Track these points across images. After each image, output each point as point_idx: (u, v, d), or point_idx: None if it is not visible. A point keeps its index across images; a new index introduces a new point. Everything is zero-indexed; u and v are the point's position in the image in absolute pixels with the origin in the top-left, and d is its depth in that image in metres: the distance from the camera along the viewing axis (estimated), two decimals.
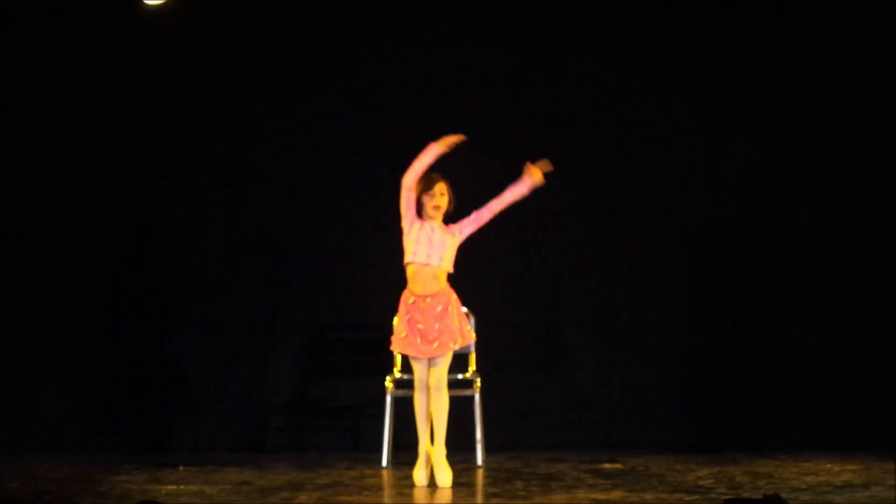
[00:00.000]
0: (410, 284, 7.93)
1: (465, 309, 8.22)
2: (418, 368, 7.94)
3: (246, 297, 9.75)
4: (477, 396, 8.73)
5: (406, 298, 7.94)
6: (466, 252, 8.77)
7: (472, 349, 8.73)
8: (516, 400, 9.63)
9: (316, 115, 9.76)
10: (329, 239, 9.76)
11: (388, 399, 8.76)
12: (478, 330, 8.73)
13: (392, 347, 8.03)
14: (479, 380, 8.72)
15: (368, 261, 9.52)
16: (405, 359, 8.22)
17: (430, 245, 7.89)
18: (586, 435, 9.62)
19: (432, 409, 7.88)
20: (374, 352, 9.33)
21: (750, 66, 9.71)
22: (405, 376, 8.50)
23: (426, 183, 7.94)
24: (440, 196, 7.93)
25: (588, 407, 9.68)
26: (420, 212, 7.96)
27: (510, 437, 9.46)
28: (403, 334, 7.91)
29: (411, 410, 8.09)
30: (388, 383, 8.76)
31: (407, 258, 7.92)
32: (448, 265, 7.93)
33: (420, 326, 7.86)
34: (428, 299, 7.89)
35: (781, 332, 9.66)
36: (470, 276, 8.45)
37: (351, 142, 9.72)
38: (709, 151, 9.75)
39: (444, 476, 7.86)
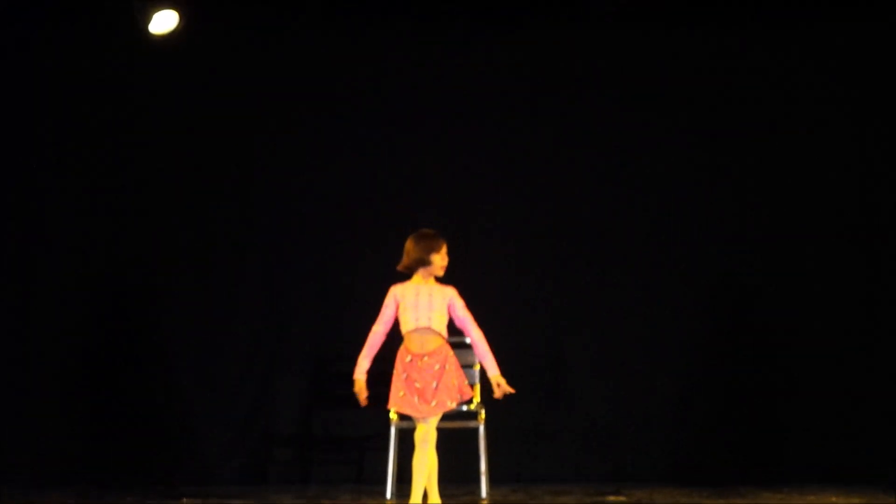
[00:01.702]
0: (407, 343, 7.83)
1: (468, 339, 8.19)
2: (420, 426, 7.83)
3: (249, 330, 9.76)
4: (481, 428, 8.71)
5: (402, 357, 7.83)
6: (471, 284, 8.77)
7: (477, 379, 8.72)
8: (521, 432, 9.61)
9: (320, 145, 9.79)
10: (332, 271, 9.76)
11: (393, 430, 8.74)
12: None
13: (389, 405, 7.95)
14: (483, 411, 8.70)
15: (371, 292, 9.47)
16: None
17: (417, 309, 7.78)
18: (591, 468, 9.60)
19: (418, 463, 7.74)
20: (377, 384, 9.30)
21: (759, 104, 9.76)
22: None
23: (435, 243, 7.81)
24: (445, 258, 7.82)
25: (593, 440, 9.66)
26: (415, 269, 7.85)
27: (515, 469, 9.44)
28: (401, 393, 7.79)
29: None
30: (393, 415, 8.74)
31: (403, 329, 7.83)
32: (441, 328, 7.82)
33: (418, 385, 7.76)
34: (425, 358, 7.78)
35: (787, 366, 9.64)
36: (474, 308, 8.44)
37: (355, 173, 9.75)
38: (711, 187, 9.77)
39: None
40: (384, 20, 9.63)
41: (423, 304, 7.81)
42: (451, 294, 7.86)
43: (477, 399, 8.74)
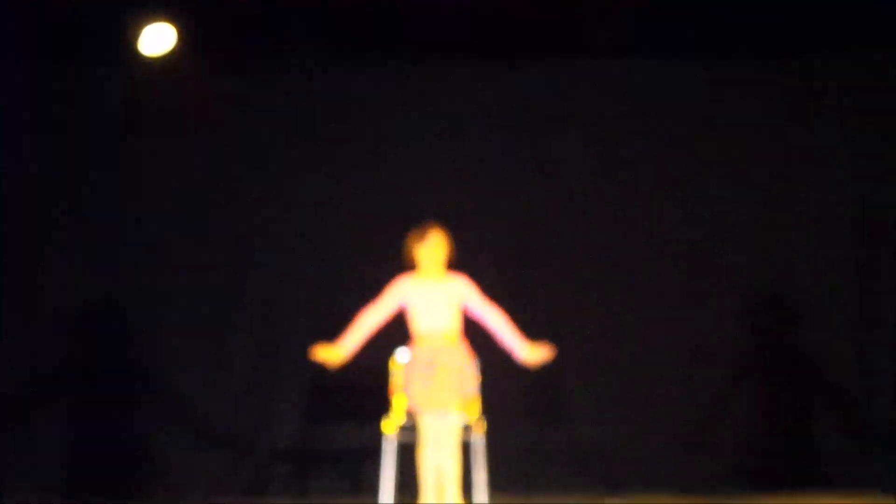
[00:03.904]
0: (423, 340, 7.76)
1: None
2: (431, 424, 7.78)
3: (247, 343, 9.80)
4: (480, 439, 8.76)
5: (417, 350, 7.75)
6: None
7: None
8: (519, 442, 9.65)
9: (317, 160, 9.84)
10: (328, 284, 9.80)
11: (390, 442, 8.78)
12: (481, 373, 8.79)
13: (410, 406, 7.86)
14: (482, 423, 8.74)
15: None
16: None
17: (430, 311, 7.73)
18: (589, 475, 9.64)
19: (448, 463, 7.72)
20: (375, 396, 9.36)
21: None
22: (406, 423, 8.50)
23: (420, 235, 7.82)
24: (435, 247, 7.80)
25: (590, 449, 9.70)
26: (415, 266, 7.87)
27: (513, 480, 9.47)
28: (419, 386, 7.74)
29: (413, 456, 8.14)
30: (390, 427, 8.78)
31: (415, 330, 7.78)
32: (456, 325, 7.76)
33: (438, 374, 7.71)
34: (444, 349, 7.75)
35: (781, 371, 9.70)
36: (471, 325, 8.51)
37: (351, 190, 9.81)
38: (714, 197, 9.85)
39: None
40: (383, 43, 9.67)
41: (435, 303, 7.72)
42: (462, 289, 7.76)
43: (476, 411, 8.77)
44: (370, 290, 9.32)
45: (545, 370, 9.84)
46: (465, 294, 7.82)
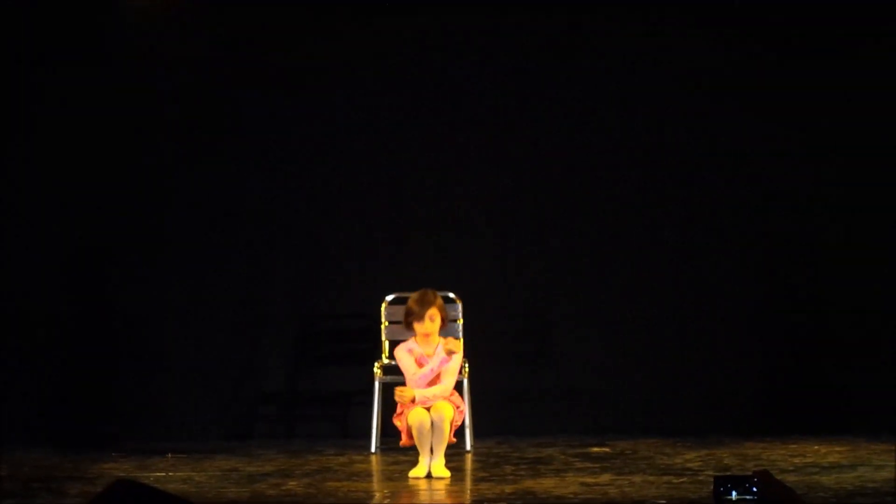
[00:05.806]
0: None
1: (451, 294, 8.20)
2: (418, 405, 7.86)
3: (235, 288, 9.75)
4: (465, 382, 8.74)
5: (413, 350, 7.90)
6: (457, 238, 8.76)
7: (460, 333, 8.74)
8: (505, 386, 9.61)
9: (301, 108, 9.76)
10: (316, 228, 9.76)
11: (377, 385, 8.77)
12: (466, 316, 8.75)
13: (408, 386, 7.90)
14: (467, 366, 8.72)
15: (355, 249, 9.56)
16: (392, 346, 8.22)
17: (423, 383, 7.82)
18: (575, 420, 9.61)
19: (434, 438, 7.79)
20: (361, 340, 9.34)
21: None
22: (392, 362, 8.47)
23: (419, 308, 7.83)
24: (429, 323, 7.82)
25: (576, 392, 9.68)
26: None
27: (499, 423, 9.45)
28: (413, 370, 7.86)
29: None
30: (377, 370, 8.77)
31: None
32: (448, 392, 7.87)
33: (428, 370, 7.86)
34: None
35: (767, 316, 9.67)
36: (460, 262, 8.43)
37: (336, 138, 9.73)
38: (701, 134, 9.77)
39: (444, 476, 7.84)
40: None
41: (427, 377, 7.84)
42: (453, 358, 7.89)
43: (461, 355, 8.70)
44: (359, 232, 9.33)
45: (533, 316, 9.83)
46: (450, 364, 7.91)
